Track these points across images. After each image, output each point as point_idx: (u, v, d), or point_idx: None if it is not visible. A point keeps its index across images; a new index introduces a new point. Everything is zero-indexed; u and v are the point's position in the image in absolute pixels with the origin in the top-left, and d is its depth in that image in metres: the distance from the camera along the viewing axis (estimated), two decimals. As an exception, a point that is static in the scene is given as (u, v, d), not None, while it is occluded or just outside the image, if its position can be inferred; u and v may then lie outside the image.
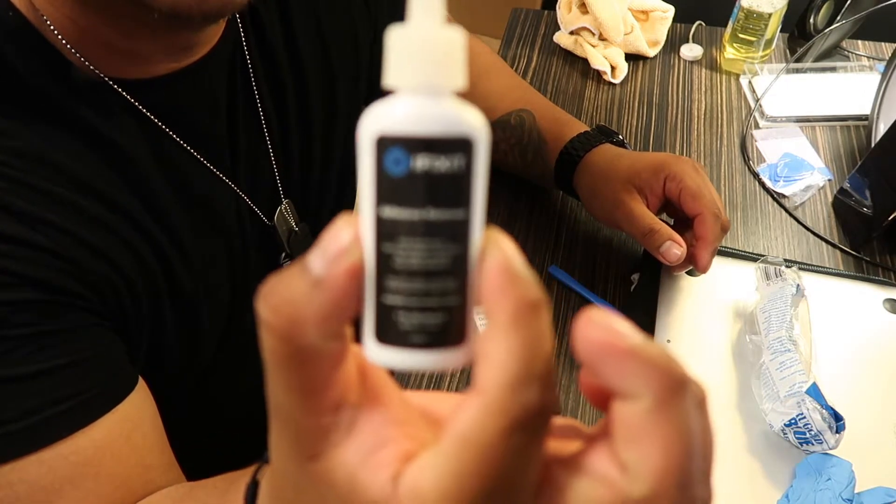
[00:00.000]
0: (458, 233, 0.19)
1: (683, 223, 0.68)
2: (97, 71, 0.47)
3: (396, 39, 0.19)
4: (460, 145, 0.19)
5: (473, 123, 0.19)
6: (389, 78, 0.19)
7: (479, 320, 0.20)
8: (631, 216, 0.66)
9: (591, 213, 0.74)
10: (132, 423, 0.47)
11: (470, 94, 0.81)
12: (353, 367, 0.21)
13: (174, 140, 0.52)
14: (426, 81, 0.19)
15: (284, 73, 0.60)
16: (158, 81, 0.50)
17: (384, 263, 0.19)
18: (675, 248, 0.63)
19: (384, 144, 0.18)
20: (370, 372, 0.22)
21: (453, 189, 0.19)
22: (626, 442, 0.20)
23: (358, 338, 0.21)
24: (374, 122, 0.19)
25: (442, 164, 0.19)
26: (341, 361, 0.20)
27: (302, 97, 0.62)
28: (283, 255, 0.63)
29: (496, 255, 0.19)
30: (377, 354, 0.20)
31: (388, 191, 0.19)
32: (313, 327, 0.19)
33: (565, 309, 0.74)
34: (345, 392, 0.21)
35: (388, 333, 0.20)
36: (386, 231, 0.19)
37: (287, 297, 0.19)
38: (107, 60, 0.47)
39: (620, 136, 0.76)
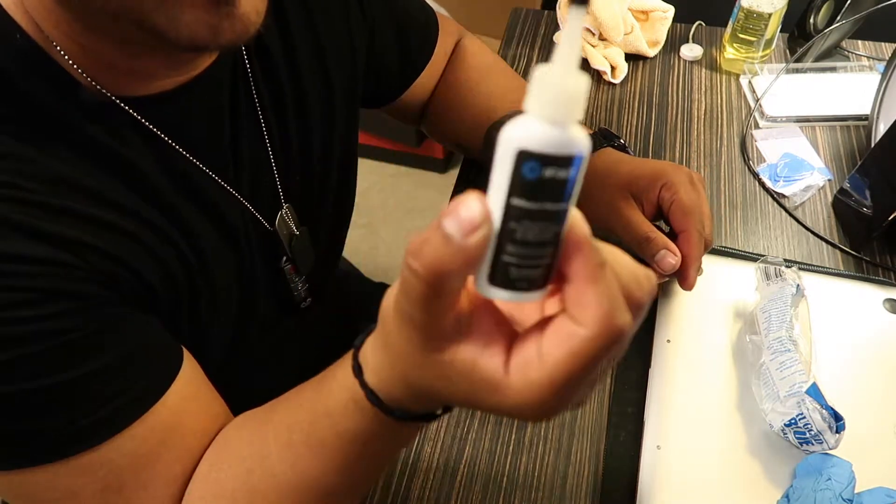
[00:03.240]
0: (560, 218, 0.27)
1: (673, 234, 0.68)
2: (103, 90, 0.48)
3: (542, 76, 0.26)
4: (574, 161, 0.26)
5: (584, 145, 0.26)
6: (531, 105, 0.26)
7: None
8: (627, 223, 0.66)
9: (585, 214, 0.73)
10: (194, 384, 0.52)
11: (471, 94, 0.81)
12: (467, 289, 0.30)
13: (180, 153, 0.53)
14: (558, 116, 0.26)
15: (283, 78, 0.61)
16: (163, 97, 0.51)
17: (507, 235, 0.27)
18: (669, 257, 0.63)
19: (524, 156, 0.26)
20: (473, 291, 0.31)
21: (563, 190, 0.27)
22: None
23: None
24: (518, 138, 0.26)
25: (560, 174, 0.26)
26: (461, 291, 0.30)
27: (301, 102, 0.63)
28: (284, 258, 0.64)
29: (580, 233, 0.28)
30: (489, 291, 0.29)
31: (519, 188, 0.26)
32: (454, 278, 0.28)
33: (565, 309, 0.74)
34: (460, 306, 0.30)
35: (500, 279, 0.28)
36: (512, 214, 0.27)
37: (435, 256, 0.27)
38: (112, 79, 0.48)
39: (622, 140, 0.75)
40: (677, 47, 1.04)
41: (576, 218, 0.28)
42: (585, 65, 1.00)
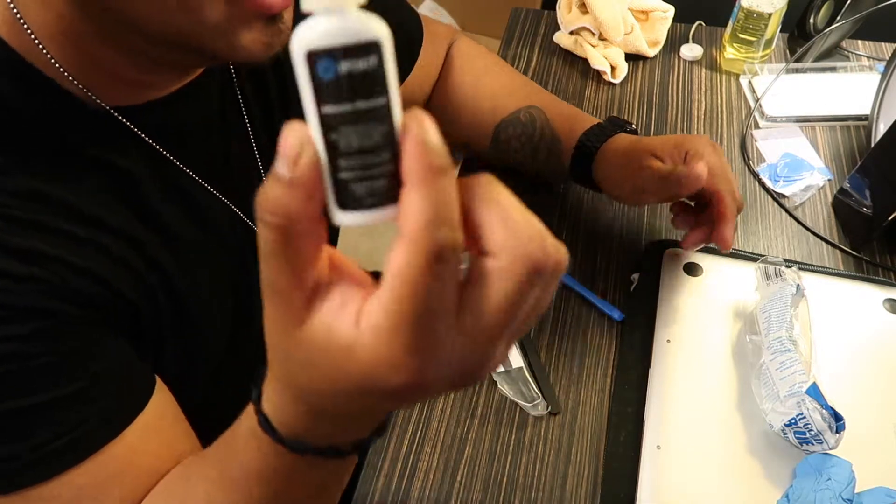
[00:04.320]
0: (382, 115, 0.25)
1: (699, 208, 0.70)
2: (97, 100, 0.47)
3: None
4: (371, 48, 0.24)
5: (378, 29, 0.24)
6: (304, 4, 0.24)
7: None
8: (656, 171, 0.67)
9: (613, 196, 0.74)
10: (158, 420, 0.49)
11: (476, 92, 0.81)
12: (326, 257, 0.28)
13: (172, 162, 0.52)
14: (334, 3, 0.24)
15: (269, 80, 0.61)
16: (156, 105, 0.51)
17: (333, 150, 0.25)
18: (690, 169, 0.63)
19: (313, 57, 0.24)
20: (335, 256, 0.29)
21: (372, 82, 0.24)
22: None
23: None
24: (302, 40, 0.24)
25: (360, 64, 0.24)
26: (320, 244, 0.27)
27: (284, 100, 0.63)
28: None
29: (413, 130, 0.25)
30: (341, 218, 0.26)
31: (323, 93, 0.24)
32: (302, 219, 0.25)
33: (565, 309, 0.74)
34: (321, 273, 0.28)
35: (347, 201, 0.26)
36: (328, 125, 0.25)
37: (275, 199, 0.25)
38: (108, 89, 0.47)
39: (633, 126, 0.76)
40: (677, 47, 1.04)
41: (410, 116, 0.25)
42: (585, 65, 1.00)
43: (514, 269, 0.26)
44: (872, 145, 0.84)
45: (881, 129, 0.85)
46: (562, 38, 1.03)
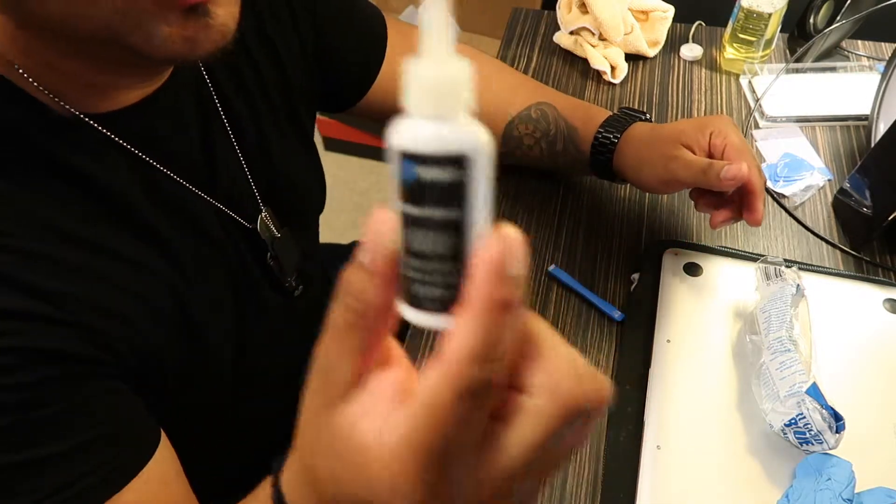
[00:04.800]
0: (455, 228, 0.24)
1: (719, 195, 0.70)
2: (71, 109, 0.47)
3: (412, 69, 0.23)
4: (457, 161, 0.23)
5: (470, 143, 0.23)
6: (407, 104, 0.24)
7: None
8: (687, 162, 0.68)
9: (638, 184, 0.74)
10: (159, 480, 0.48)
11: (484, 91, 0.81)
12: (386, 347, 0.28)
13: (153, 166, 0.52)
14: (435, 110, 0.23)
15: (245, 73, 0.61)
16: (130, 111, 0.50)
17: (406, 247, 0.25)
18: (733, 167, 0.64)
19: (402, 157, 0.24)
20: (391, 347, 0.28)
21: (450, 194, 0.24)
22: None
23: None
24: (396, 139, 0.24)
25: (441, 175, 0.23)
26: (386, 333, 0.27)
27: (264, 96, 0.63)
28: (269, 255, 0.64)
29: (489, 252, 0.24)
30: (404, 311, 0.26)
31: (404, 192, 0.24)
32: (374, 301, 0.25)
33: (565, 309, 0.74)
34: (375, 361, 0.27)
35: (409, 298, 0.26)
36: (406, 223, 0.25)
37: (356, 283, 0.25)
38: (80, 97, 0.47)
39: (647, 115, 0.77)
40: (677, 47, 1.04)
41: (498, 236, 0.24)
42: (585, 65, 1.00)
43: (552, 410, 0.25)
44: (872, 145, 0.84)
45: (881, 129, 0.85)
46: (562, 38, 1.03)
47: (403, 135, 0.24)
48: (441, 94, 0.23)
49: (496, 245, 0.24)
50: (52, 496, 0.43)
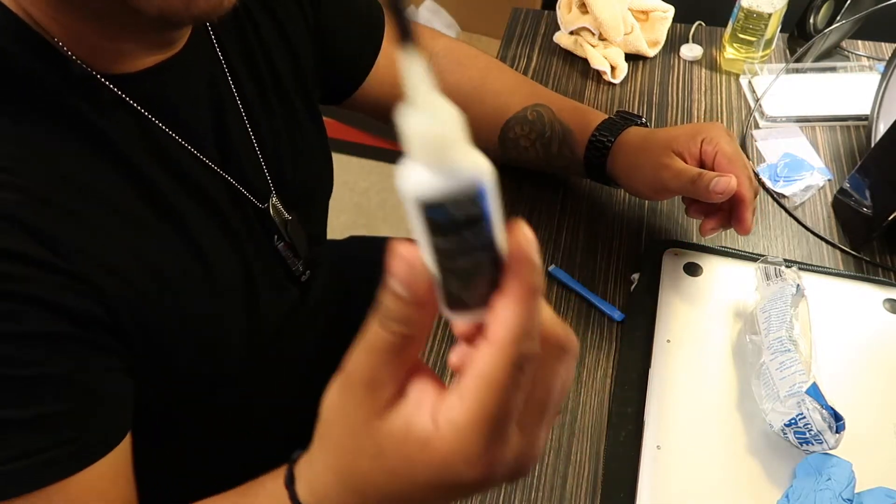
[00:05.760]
0: (488, 243, 0.27)
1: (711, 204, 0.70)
2: (88, 67, 0.47)
3: (409, 125, 0.25)
4: (478, 195, 0.26)
5: (481, 173, 0.26)
6: (412, 152, 0.25)
7: None
8: (677, 172, 0.68)
9: (630, 190, 0.74)
10: (120, 467, 0.48)
11: (481, 91, 0.81)
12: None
13: (164, 132, 0.52)
14: (441, 160, 0.25)
15: (258, 60, 0.61)
16: (144, 74, 0.50)
17: (446, 271, 0.28)
18: (722, 181, 0.64)
19: (427, 206, 0.26)
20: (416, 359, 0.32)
21: (479, 221, 0.27)
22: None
23: None
24: (413, 191, 0.25)
25: (471, 210, 0.26)
26: (422, 346, 0.31)
27: (276, 83, 0.63)
28: (276, 237, 0.64)
29: (522, 250, 0.28)
30: (449, 315, 0.30)
31: (436, 230, 0.27)
32: (419, 324, 0.29)
33: (565, 309, 0.74)
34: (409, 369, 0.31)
35: (454, 305, 0.29)
36: (441, 253, 0.27)
37: (397, 311, 0.28)
38: (95, 57, 0.48)
39: (643, 119, 0.77)
40: (677, 47, 1.04)
41: (519, 235, 0.28)
42: (585, 65, 1.00)
43: (503, 364, 0.28)
44: (872, 145, 0.84)
45: (881, 129, 0.85)
46: (562, 38, 1.03)
47: (424, 185, 0.25)
48: (444, 144, 0.25)
49: (523, 241, 0.28)
50: (8, 462, 0.41)
